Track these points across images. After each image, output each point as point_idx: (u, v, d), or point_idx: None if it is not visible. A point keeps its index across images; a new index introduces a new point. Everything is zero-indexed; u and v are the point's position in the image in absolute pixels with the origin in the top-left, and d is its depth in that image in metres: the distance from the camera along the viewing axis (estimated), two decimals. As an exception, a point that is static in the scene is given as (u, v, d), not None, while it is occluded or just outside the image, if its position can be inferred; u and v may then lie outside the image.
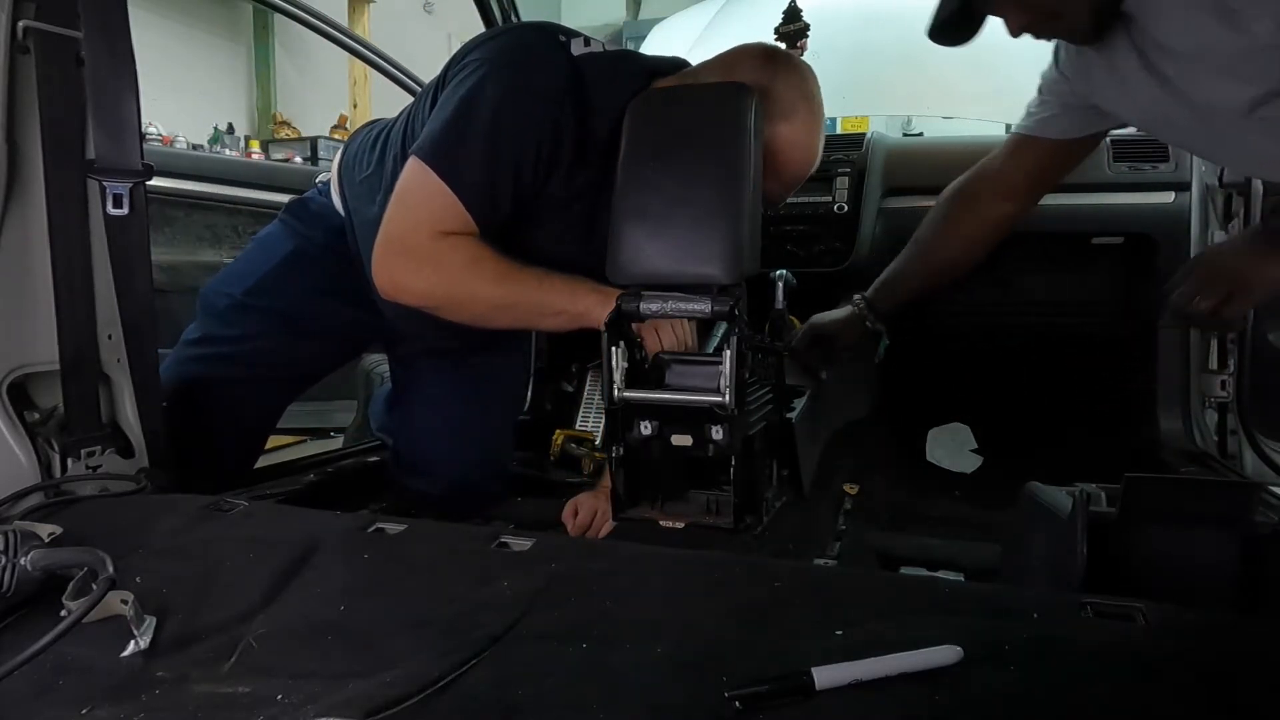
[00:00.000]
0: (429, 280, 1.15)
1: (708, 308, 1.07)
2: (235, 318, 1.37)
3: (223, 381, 1.35)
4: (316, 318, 1.40)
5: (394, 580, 0.78)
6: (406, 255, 1.15)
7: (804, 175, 1.28)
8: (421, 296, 1.17)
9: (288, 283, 1.39)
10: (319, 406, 2.38)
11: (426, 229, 1.14)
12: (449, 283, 1.15)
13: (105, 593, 0.67)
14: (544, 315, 1.19)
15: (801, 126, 1.23)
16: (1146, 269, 1.94)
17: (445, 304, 1.17)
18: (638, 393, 1.10)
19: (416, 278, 1.16)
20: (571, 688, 0.59)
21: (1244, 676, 0.58)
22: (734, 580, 0.75)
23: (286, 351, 1.39)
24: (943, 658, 0.58)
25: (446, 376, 1.56)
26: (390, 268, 1.16)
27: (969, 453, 2.14)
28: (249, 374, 1.37)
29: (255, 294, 1.37)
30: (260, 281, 1.38)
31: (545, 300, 1.17)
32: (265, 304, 1.37)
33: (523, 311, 1.18)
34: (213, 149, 5.91)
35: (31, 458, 1.00)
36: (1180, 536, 0.93)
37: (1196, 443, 1.87)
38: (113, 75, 1.05)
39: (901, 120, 2.94)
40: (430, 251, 1.14)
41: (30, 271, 1.01)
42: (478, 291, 1.15)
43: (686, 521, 1.16)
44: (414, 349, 1.58)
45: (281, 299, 1.38)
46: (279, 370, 1.40)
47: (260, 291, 1.38)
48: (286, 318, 1.38)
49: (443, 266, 1.14)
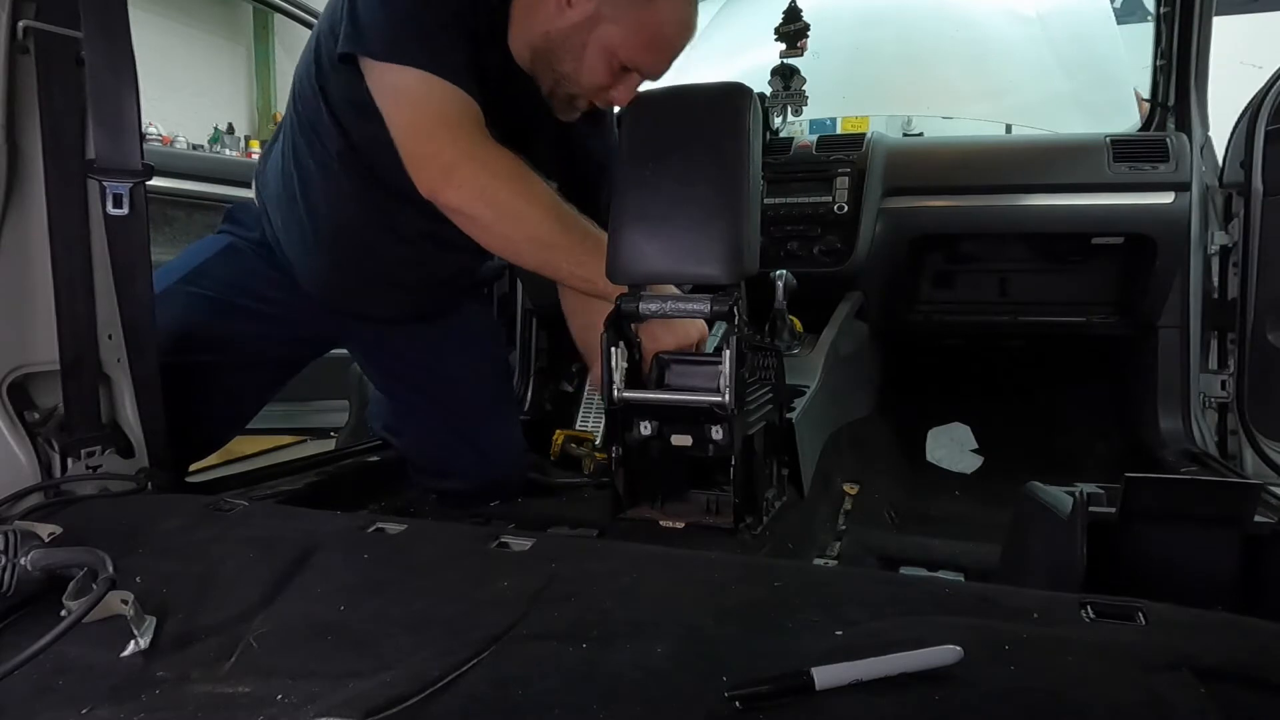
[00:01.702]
0: (481, 182, 1.12)
1: (707, 308, 1.07)
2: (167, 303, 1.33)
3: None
4: (248, 299, 1.40)
5: (394, 580, 0.78)
6: (449, 147, 1.12)
7: (680, 42, 1.24)
8: (472, 198, 1.13)
9: (220, 270, 1.40)
10: (318, 407, 2.38)
11: (453, 121, 1.12)
12: (501, 192, 1.12)
13: (105, 593, 0.67)
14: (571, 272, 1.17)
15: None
16: (1146, 269, 1.94)
17: (490, 215, 1.14)
18: (638, 393, 1.10)
19: (468, 174, 1.12)
20: (571, 688, 0.59)
21: (1244, 676, 0.58)
22: (734, 580, 0.75)
23: (220, 334, 1.37)
24: (943, 658, 0.58)
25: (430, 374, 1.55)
26: (427, 173, 1.13)
27: (969, 453, 2.15)
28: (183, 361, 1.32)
29: (189, 281, 1.38)
30: (194, 271, 1.40)
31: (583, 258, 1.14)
32: (198, 290, 1.38)
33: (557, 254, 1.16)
34: (213, 149, 5.92)
35: (31, 458, 1.00)
36: (1180, 536, 0.93)
37: (1196, 443, 1.87)
38: (113, 75, 1.05)
39: (901, 120, 2.94)
40: (473, 149, 1.11)
41: (30, 271, 1.01)
42: (527, 213, 1.13)
43: (686, 521, 1.17)
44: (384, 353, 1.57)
45: (214, 285, 1.39)
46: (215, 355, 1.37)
47: (194, 279, 1.39)
48: (219, 302, 1.38)
49: (494, 172, 1.12)
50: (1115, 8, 2.94)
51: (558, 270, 1.20)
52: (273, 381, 1.51)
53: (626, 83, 1.22)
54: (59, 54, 1.00)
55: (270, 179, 1.42)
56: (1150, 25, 2.15)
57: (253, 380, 1.47)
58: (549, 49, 1.21)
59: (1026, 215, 1.99)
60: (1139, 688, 0.56)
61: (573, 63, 1.20)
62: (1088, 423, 2.20)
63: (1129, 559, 0.94)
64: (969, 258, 2.19)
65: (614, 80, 1.21)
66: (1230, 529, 0.92)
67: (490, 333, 1.77)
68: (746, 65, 2.45)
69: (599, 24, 1.18)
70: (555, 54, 1.21)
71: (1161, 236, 1.89)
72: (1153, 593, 0.70)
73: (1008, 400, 2.28)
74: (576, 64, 1.20)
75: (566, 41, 1.20)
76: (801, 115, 2.29)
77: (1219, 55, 1.99)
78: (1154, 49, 2.09)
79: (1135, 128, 2.17)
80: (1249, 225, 1.74)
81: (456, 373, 1.57)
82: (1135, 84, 2.25)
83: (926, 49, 2.75)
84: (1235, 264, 1.80)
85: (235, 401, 1.47)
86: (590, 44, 1.18)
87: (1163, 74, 2.05)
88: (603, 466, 1.66)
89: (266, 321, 1.43)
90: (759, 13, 2.45)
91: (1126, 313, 2.05)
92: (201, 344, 1.35)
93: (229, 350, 1.38)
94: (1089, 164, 1.94)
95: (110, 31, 1.05)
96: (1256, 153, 1.71)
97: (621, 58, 1.19)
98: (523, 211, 1.14)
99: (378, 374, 1.67)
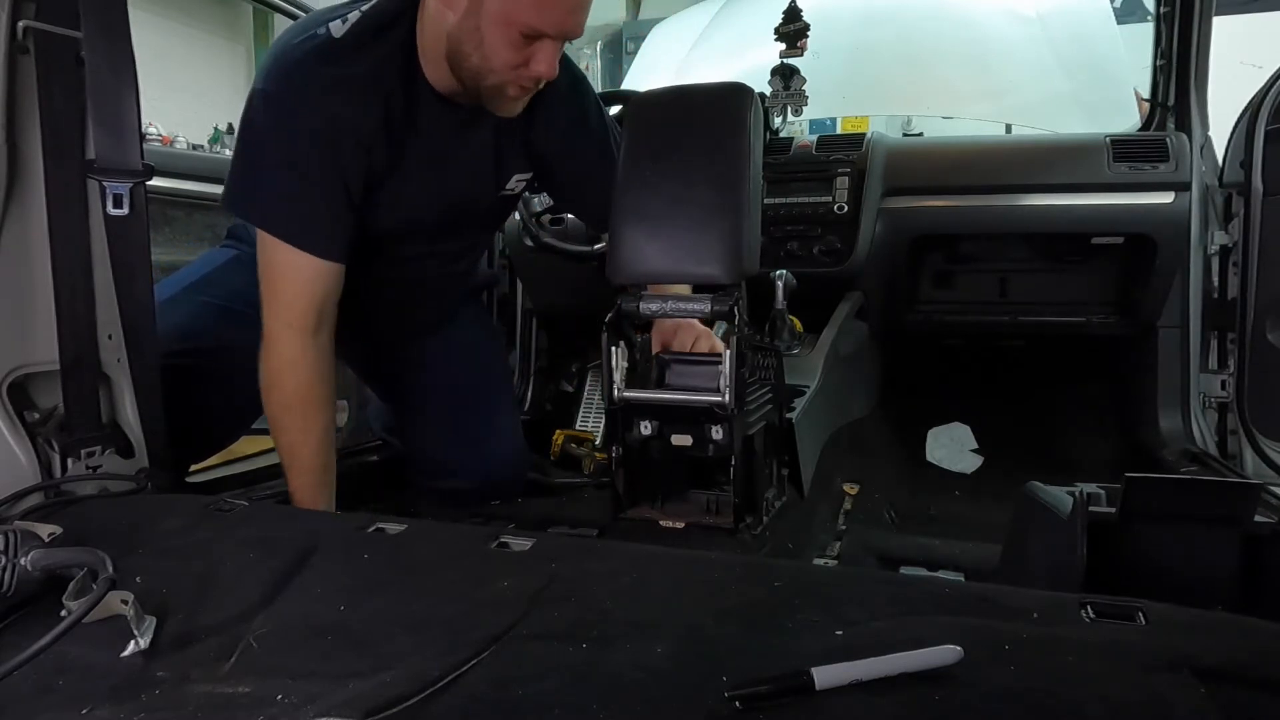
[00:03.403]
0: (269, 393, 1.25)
1: (707, 308, 1.07)
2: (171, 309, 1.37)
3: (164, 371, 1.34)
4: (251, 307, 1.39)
5: (394, 580, 0.78)
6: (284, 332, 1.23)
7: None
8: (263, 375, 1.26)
9: (225, 279, 1.43)
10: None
11: (288, 330, 1.22)
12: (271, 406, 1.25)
13: (105, 593, 0.67)
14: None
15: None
16: (1146, 269, 1.94)
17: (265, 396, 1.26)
18: (638, 393, 1.10)
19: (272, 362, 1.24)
20: (571, 688, 0.59)
21: (1244, 676, 0.58)
22: (734, 580, 0.75)
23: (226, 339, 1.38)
24: (943, 658, 0.58)
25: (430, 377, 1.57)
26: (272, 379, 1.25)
27: (969, 453, 2.15)
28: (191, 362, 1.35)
29: (193, 289, 1.41)
30: (200, 279, 1.43)
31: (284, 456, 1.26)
32: (204, 298, 1.41)
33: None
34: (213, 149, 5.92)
35: (31, 458, 1.00)
36: (1180, 536, 0.93)
37: (1196, 443, 1.87)
38: (113, 75, 1.05)
39: (901, 120, 2.94)
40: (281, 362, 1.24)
41: (30, 271, 1.01)
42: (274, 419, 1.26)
43: (686, 521, 1.17)
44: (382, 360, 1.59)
45: (219, 293, 1.41)
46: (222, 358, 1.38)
47: (200, 287, 1.42)
48: (222, 309, 1.40)
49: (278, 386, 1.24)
50: (1115, 8, 2.94)
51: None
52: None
53: (541, 52, 1.17)
54: (59, 54, 1.00)
55: None
56: (1150, 25, 2.15)
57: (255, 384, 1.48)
58: (454, 50, 1.19)
59: (1026, 215, 1.99)
60: (1139, 688, 0.56)
61: (477, 51, 1.17)
62: (1088, 423, 2.20)
63: (1129, 559, 0.94)
64: (969, 258, 2.19)
65: (524, 54, 1.17)
66: (1230, 529, 0.92)
67: (488, 334, 1.78)
68: (746, 65, 2.46)
69: (482, 3, 1.14)
70: (461, 51, 1.18)
71: (1161, 236, 1.89)
72: (1153, 593, 0.70)
73: (1007, 400, 2.27)
74: (480, 51, 1.16)
75: (463, 34, 1.16)
76: (801, 115, 2.29)
77: (1219, 55, 1.99)
78: (1154, 49, 2.09)
79: (1135, 128, 2.16)
80: (1249, 225, 1.74)
81: (456, 376, 1.57)
82: (1135, 84, 2.25)
83: (926, 49, 2.76)
84: (1235, 264, 1.80)
85: (238, 404, 1.46)
86: (484, 25, 1.15)
87: (1163, 74, 2.05)
88: (603, 466, 1.66)
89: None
90: (759, 13, 2.45)
91: (1126, 313, 2.05)
92: (206, 348, 1.36)
93: (233, 354, 1.39)
94: (1089, 164, 1.94)
95: (110, 31, 1.05)
96: (1256, 153, 1.71)
97: (518, 25, 1.14)
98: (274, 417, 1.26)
99: (378, 383, 1.68)
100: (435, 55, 1.22)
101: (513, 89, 1.21)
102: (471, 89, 1.22)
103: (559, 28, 1.16)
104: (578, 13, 1.17)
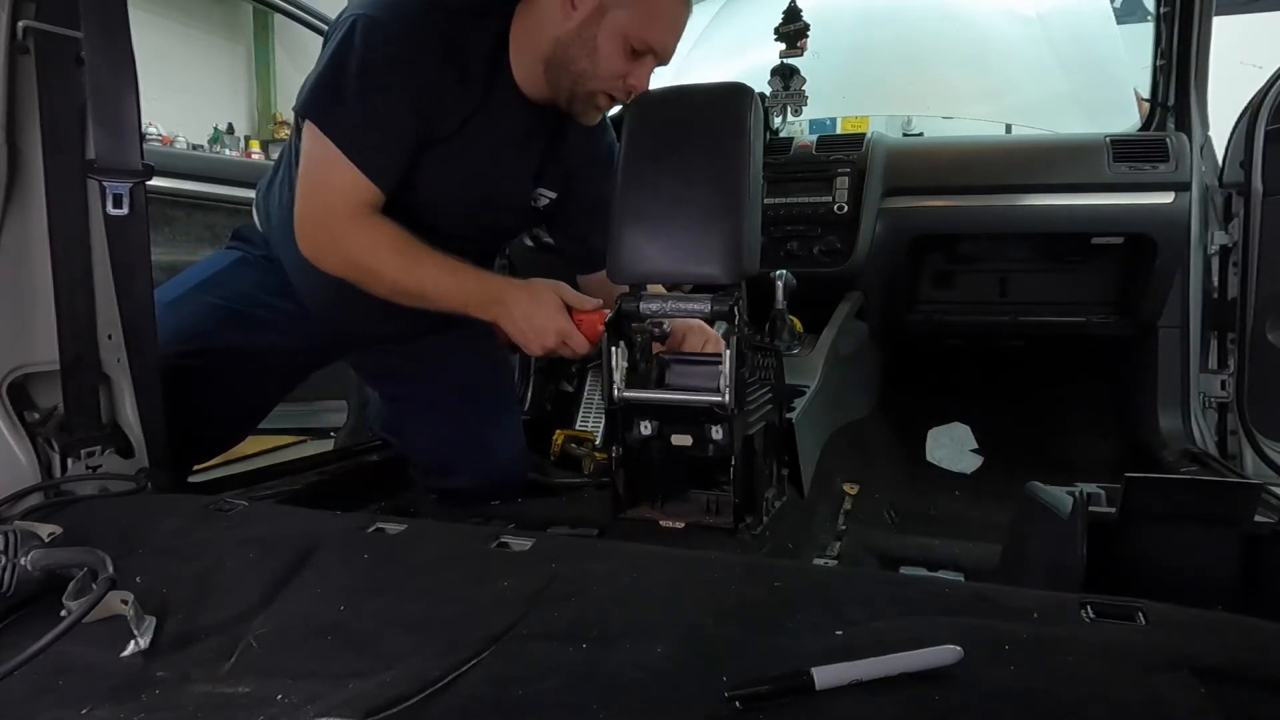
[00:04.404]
0: (338, 259, 1.26)
1: (707, 308, 1.07)
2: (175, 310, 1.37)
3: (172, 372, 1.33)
4: (257, 308, 1.44)
5: (394, 580, 0.78)
6: (321, 235, 1.26)
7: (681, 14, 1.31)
8: (337, 269, 1.27)
9: (231, 281, 1.44)
10: (318, 407, 2.38)
11: (337, 208, 1.23)
12: (356, 263, 1.25)
13: (105, 593, 0.67)
14: (438, 302, 1.27)
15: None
16: (1146, 269, 1.94)
17: (358, 280, 1.27)
18: (638, 393, 1.10)
19: (330, 255, 1.26)
20: (571, 688, 0.59)
21: (1244, 676, 0.58)
22: (734, 580, 0.75)
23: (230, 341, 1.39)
24: (943, 658, 0.58)
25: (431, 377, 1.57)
26: (306, 244, 1.27)
27: (969, 453, 2.15)
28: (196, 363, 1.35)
29: (199, 289, 1.42)
30: (206, 280, 1.44)
31: (439, 290, 1.26)
32: (210, 299, 1.41)
33: (421, 300, 1.27)
34: (213, 149, 5.91)
35: (31, 458, 1.00)
36: (1180, 536, 0.93)
37: (1196, 443, 1.87)
38: (113, 75, 1.05)
39: (901, 120, 2.94)
40: (339, 232, 1.24)
41: (30, 271, 1.01)
42: (382, 273, 1.25)
43: (686, 521, 1.17)
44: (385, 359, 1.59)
45: (225, 295, 1.42)
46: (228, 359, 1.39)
47: (205, 288, 1.42)
48: (230, 311, 1.41)
49: (349, 249, 1.25)
50: (1115, 8, 2.94)
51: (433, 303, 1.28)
52: (280, 387, 1.54)
53: (642, 67, 1.28)
54: (59, 54, 1.00)
55: (273, 209, 1.44)
56: (1150, 25, 2.15)
57: (260, 385, 1.49)
58: (561, 54, 1.27)
59: (1026, 215, 1.99)
60: (1139, 688, 0.56)
61: (588, 58, 1.26)
62: (1088, 423, 2.20)
63: (1129, 559, 0.94)
64: (969, 258, 2.20)
65: (629, 67, 1.27)
66: (1230, 529, 0.92)
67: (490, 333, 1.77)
68: (746, 65, 2.45)
69: (605, 14, 1.24)
70: (569, 55, 1.27)
71: (1161, 236, 1.89)
72: (1153, 593, 0.70)
73: (1007, 400, 2.28)
74: (592, 58, 1.26)
75: (578, 40, 1.26)
76: (801, 115, 2.30)
77: (1219, 55, 1.99)
78: (1154, 49, 2.09)
79: (1135, 128, 2.17)
80: (1249, 225, 1.74)
81: (458, 375, 1.57)
82: (1135, 84, 2.25)
83: (926, 49, 2.76)
84: (1235, 264, 1.80)
85: (243, 405, 1.49)
86: (600, 35, 1.25)
87: (1163, 74, 2.05)
88: (603, 466, 1.66)
89: (275, 330, 1.45)
90: (759, 13, 2.45)
91: (1126, 313, 2.05)
92: (212, 349, 1.37)
93: (238, 355, 1.41)
94: (1089, 164, 1.94)
95: (110, 31, 1.05)
96: (1256, 153, 1.71)
97: (632, 40, 1.25)
98: (379, 272, 1.26)
99: (380, 383, 1.68)
100: (532, 54, 1.30)
101: (603, 99, 1.32)
102: (565, 92, 1.30)
103: (666, 47, 1.29)
104: (678, 39, 1.32)
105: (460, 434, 1.55)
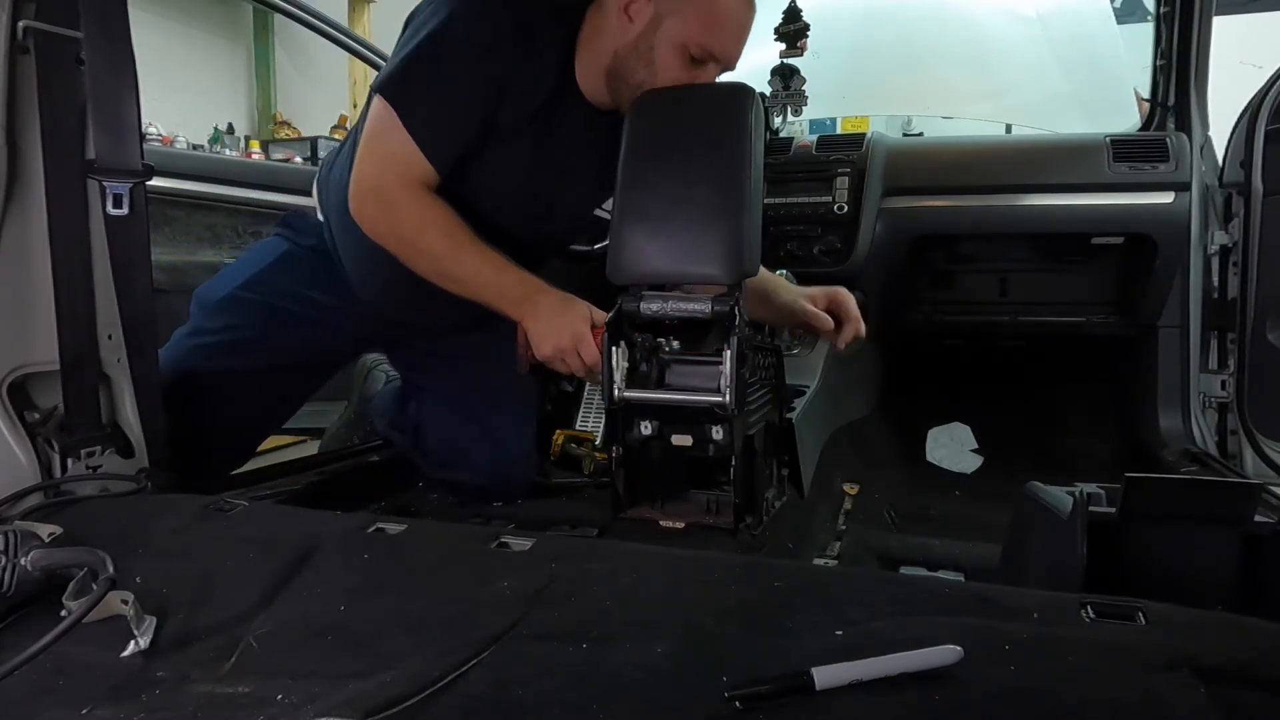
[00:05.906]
0: (384, 226, 1.25)
1: (707, 308, 1.07)
2: (224, 309, 1.42)
3: (212, 373, 1.38)
4: (303, 306, 1.45)
5: (394, 580, 0.78)
6: (373, 200, 1.25)
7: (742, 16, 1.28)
8: (382, 238, 1.26)
9: (276, 278, 1.45)
10: (319, 407, 2.37)
11: (392, 177, 1.23)
12: (400, 235, 1.25)
13: (105, 593, 0.67)
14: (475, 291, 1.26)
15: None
16: (1146, 269, 1.94)
17: (400, 254, 1.26)
18: (638, 393, 1.10)
19: (379, 222, 1.25)
20: (571, 688, 0.59)
21: (1244, 676, 0.58)
22: (734, 580, 0.75)
23: (275, 340, 1.42)
24: (943, 658, 0.58)
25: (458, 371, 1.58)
26: (356, 204, 1.26)
27: (969, 453, 2.15)
28: (237, 364, 1.39)
29: (246, 288, 1.43)
30: (251, 278, 1.44)
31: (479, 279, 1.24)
32: (254, 296, 1.42)
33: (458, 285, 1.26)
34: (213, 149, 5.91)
35: (31, 458, 1.00)
36: (1180, 536, 0.93)
37: (1196, 443, 1.87)
38: (113, 75, 1.05)
39: (901, 120, 2.94)
40: (392, 202, 1.23)
41: (30, 271, 1.01)
42: (425, 249, 1.24)
43: (686, 521, 1.17)
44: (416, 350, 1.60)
45: (270, 292, 1.43)
46: (268, 359, 1.42)
47: (251, 285, 1.43)
48: (274, 308, 1.42)
49: (397, 218, 1.24)
50: (1115, 8, 2.94)
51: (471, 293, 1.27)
52: (315, 383, 1.56)
53: (703, 74, 1.25)
54: (59, 54, 1.00)
55: (334, 189, 1.43)
56: (1150, 25, 2.15)
57: (298, 382, 1.52)
58: (620, 66, 1.26)
59: (1026, 215, 1.99)
60: (1139, 688, 0.56)
61: (646, 69, 1.24)
62: (1088, 423, 2.20)
63: (1129, 559, 0.94)
64: (969, 258, 2.19)
65: (689, 74, 1.24)
66: (1230, 529, 0.92)
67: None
68: (746, 65, 2.45)
69: (661, 23, 1.21)
70: (628, 67, 1.25)
71: (1161, 236, 1.89)
72: (1153, 593, 0.70)
73: (1007, 400, 2.27)
74: (650, 68, 1.23)
75: (636, 51, 1.24)
76: (801, 115, 2.29)
77: (1219, 55, 1.99)
78: (1154, 49, 2.09)
79: (1135, 128, 2.17)
80: (1249, 225, 1.74)
81: (487, 375, 1.58)
82: (1135, 84, 2.25)
83: (926, 49, 2.75)
84: (1235, 264, 1.80)
85: (279, 402, 1.52)
86: (658, 45, 1.22)
87: (1163, 74, 2.05)
88: (603, 466, 1.66)
89: (317, 327, 1.46)
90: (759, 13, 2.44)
91: (1126, 313, 2.05)
92: (255, 348, 1.40)
93: (280, 354, 1.43)
94: (1089, 164, 1.94)
95: (110, 31, 1.05)
96: (1256, 153, 1.71)
97: (691, 47, 1.22)
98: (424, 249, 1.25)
99: (410, 371, 1.68)
100: (595, 65, 1.28)
101: None
102: (624, 100, 1.27)
103: (728, 51, 1.25)
104: (741, 43, 1.27)
105: (474, 424, 1.56)
